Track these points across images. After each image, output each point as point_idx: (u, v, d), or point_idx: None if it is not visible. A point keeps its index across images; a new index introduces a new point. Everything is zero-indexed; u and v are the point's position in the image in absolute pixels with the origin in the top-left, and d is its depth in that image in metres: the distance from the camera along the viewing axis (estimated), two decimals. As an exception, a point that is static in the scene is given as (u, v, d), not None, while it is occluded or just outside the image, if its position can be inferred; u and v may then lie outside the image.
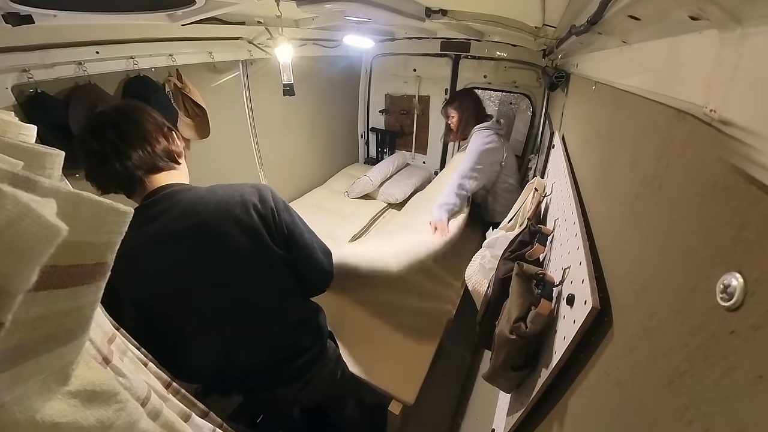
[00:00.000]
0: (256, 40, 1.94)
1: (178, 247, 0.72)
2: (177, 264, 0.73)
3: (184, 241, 0.72)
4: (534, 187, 1.25)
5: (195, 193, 0.75)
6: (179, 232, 0.71)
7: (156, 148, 0.73)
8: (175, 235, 0.71)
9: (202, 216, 0.72)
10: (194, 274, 0.75)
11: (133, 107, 0.78)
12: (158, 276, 0.73)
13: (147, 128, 0.74)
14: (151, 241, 0.70)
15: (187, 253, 0.73)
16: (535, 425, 0.67)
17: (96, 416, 0.30)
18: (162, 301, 0.75)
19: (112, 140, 0.68)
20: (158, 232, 0.70)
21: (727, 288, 0.25)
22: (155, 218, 0.70)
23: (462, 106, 2.07)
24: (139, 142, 0.71)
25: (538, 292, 0.67)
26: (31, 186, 0.24)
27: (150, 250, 0.70)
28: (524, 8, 1.33)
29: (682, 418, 0.28)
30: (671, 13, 0.39)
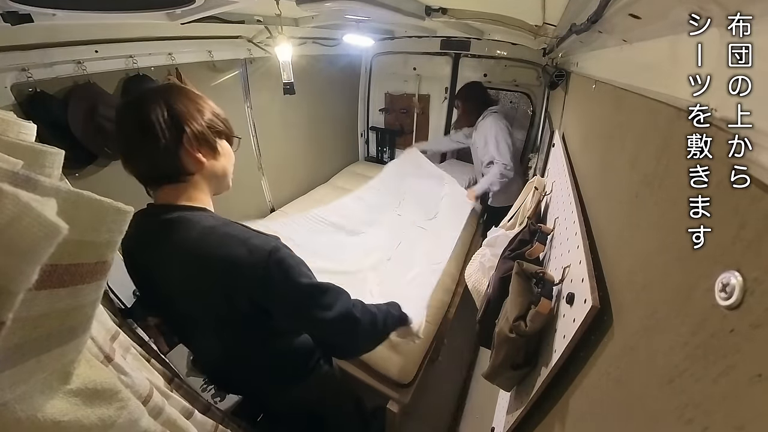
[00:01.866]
0: (255, 39, 1.94)
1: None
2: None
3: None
4: (534, 185, 1.25)
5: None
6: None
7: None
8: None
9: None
10: (172, 279, 0.72)
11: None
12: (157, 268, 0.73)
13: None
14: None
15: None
16: (535, 424, 0.68)
17: (97, 415, 0.30)
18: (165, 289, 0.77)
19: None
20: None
21: (726, 286, 0.25)
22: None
23: (469, 95, 2.34)
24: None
25: (537, 291, 0.67)
26: (32, 185, 0.24)
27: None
28: (524, 7, 1.33)
29: (682, 416, 0.28)
30: (672, 12, 0.39)
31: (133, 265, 0.78)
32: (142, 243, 0.70)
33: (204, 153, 0.70)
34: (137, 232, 0.60)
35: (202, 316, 0.75)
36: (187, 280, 0.69)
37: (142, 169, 0.69)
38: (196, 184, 0.72)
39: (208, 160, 0.72)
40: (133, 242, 0.66)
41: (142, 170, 0.69)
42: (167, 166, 0.67)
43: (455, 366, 1.92)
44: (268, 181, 2.48)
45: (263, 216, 2.42)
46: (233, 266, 0.64)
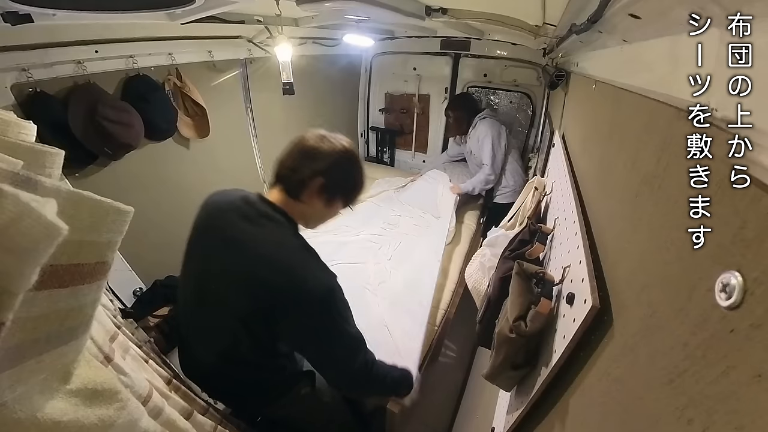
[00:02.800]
0: (255, 39, 1.94)
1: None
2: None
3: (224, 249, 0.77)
4: (534, 186, 1.25)
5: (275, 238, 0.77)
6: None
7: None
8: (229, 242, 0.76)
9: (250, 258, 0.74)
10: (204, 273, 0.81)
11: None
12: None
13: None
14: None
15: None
16: (535, 424, 0.68)
17: (97, 415, 0.30)
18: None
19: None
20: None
21: (727, 287, 0.25)
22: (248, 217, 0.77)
23: (460, 104, 2.46)
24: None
25: (537, 291, 0.67)
26: (32, 185, 0.24)
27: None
28: (525, 7, 1.33)
29: (682, 417, 0.28)
30: (672, 12, 0.39)
31: (198, 231, 0.86)
32: (226, 218, 0.79)
33: (320, 199, 0.83)
34: (229, 206, 0.80)
35: (222, 310, 0.78)
36: (238, 271, 0.74)
37: (282, 168, 0.85)
38: (299, 205, 0.83)
39: (319, 203, 0.84)
40: (218, 212, 0.81)
41: (281, 168, 0.85)
42: (296, 181, 0.82)
43: (455, 366, 1.92)
44: (268, 181, 2.48)
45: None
46: (288, 288, 0.71)
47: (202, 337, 0.86)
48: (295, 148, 0.85)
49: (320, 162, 0.81)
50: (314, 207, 0.84)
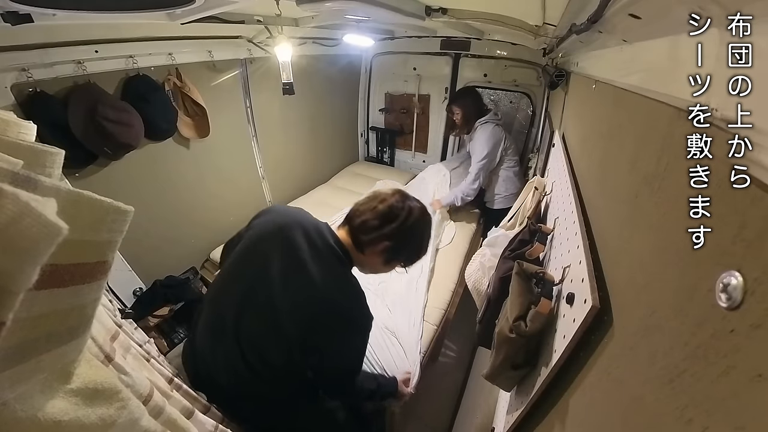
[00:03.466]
0: (255, 39, 1.94)
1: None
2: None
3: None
4: (534, 186, 1.25)
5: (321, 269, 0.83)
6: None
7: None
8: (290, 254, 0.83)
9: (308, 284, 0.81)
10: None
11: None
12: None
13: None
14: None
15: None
16: (535, 424, 0.68)
17: (98, 414, 0.30)
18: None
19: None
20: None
21: (727, 287, 0.25)
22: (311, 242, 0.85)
23: (463, 104, 2.28)
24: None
25: (537, 291, 0.67)
26: (32, 185, 0.24)
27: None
28: (524, 7, 1.33)
29: (682, 417, 0.28)
30: (672, 12, 0.39)
31: (251, 242, 0.89)
32: (295, 240, 0.84)
33: (380, 257, 0.90)
34: (300, 229, 0.86)
35: (266, 321, 0.82)
36: (300, 296, 0.81)
37: (355, 217, 0.90)
38: (361, 255, 0.91)
39: (378, 261, 0.91)
40: (286, 230, 0.85)
41: (355, 217, 0.90)
42: (364, 237, 0.88)
43: (455, 366, 1.92)
44: (268, 181, 2.48)
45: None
46: (338, 314, 0.82)
47: (234, 342, 0.85)
48: (374, 204, 0.89)
49: (391, 227, 0.87)
50: (373, 262, 0.91)
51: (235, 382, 0.85)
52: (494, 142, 2.14)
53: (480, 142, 2.16)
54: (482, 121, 2.20)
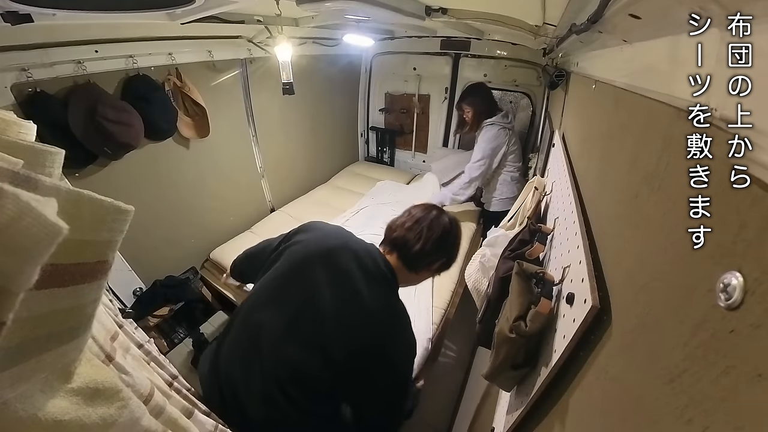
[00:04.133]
0: (255, 39, 1.94)
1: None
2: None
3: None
4: (534, 185, 1.25)
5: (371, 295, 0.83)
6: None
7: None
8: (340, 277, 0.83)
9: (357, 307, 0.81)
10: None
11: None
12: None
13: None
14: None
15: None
16: (535, 424, 0.68)
17: (98, 414, 0.30)
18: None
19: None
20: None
21: (727, 287, 0.25)
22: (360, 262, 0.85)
23: (474, 101, 2.18)
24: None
25: (537, 291, 0.67)
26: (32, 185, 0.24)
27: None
28: (524, 7, 1.33)
29: (681, 416, 0.28)
30: (672, 12, 0.39)
31: (295, 262, 0.88)
32: (345, 262, 0.84)
33: (434, 272, 0.97)
34: (349, 251, 0.86)
35: (313, 348, 0.79)
36: (348, 321, 0.80)
37: (407, 242, 0.91)
38: (411, 275, 0.94)
39: (429, 275, 0.97)
40: (336, 251, 0.86)
41: (406, 241, 0.91)
42: (423, 262, 0.92)
43: (455, 366, 1.92)
44: (268, 181, 2.48)
45: (263, 216, 2.42)
46: (391, 341, 0.82)
47: (271, 366, 0.79)
48: (426, 230, 0.92)
49: (446, 246, 0.94)
50: (423, 277, 0.96)
51: (261, 403, 0.78)
52: (494, 145, 2.06)
53: (480, 144, 2.10)
54: (488, 122, 2.12)
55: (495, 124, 2.10)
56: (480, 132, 2.16)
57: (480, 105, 2.16)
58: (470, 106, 2.18)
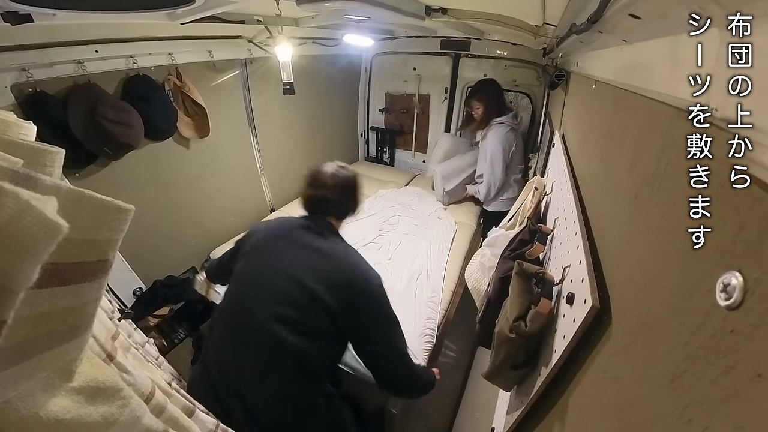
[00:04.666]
0: (255, 39, 1.94)
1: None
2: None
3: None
4: (534, 186, 1.25)
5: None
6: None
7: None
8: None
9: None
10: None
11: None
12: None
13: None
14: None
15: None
16: (535, 423, 0.68)
17: (99, 412, 0.30)
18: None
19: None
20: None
21: (727, 287, 0.25)
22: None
23: (486, 98, 2.12)
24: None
25: (537, 291, 0.67)
26: (32, 184, 0.24)
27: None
28: (524, 7, 1.33)
29: (682, 416, 0.28)
30: (672, 12, 0.39)
31: (254, 245, 1.03)
32: (297, 233, 0.99)
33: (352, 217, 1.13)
34: (293, 226, 1.02)
35: (288, 305, 0.89)
36: (324, 269, 0.92)
37: (334, 200, 1.04)
38: (341, 223, 1.10)
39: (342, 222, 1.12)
40: (286, 229, 1.01)
41: (334, 200, 1.05)
42: (344, 210, 1.08)
43: (455, 366, 1.92)
44: (268, 181, 2.47)
45: (263, 216, 2.42)
46: (360, 278, 0.93)
47: (262, 348, 0.87)
48: (339, 182, 1.06)
49: (356, 195, 1.11)
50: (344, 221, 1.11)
51: (263, 379, 0.87)
52: (504, 146, 2.03)
53: (490, 143, 2.05)
54: (498, 121, 2.07)
55: (505, 124, 2.06)
56: (488, 131, 2.11)
57: (491, 102, 2.11)
58: (481, 102, 2.11)
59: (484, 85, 2.20)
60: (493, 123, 2.08)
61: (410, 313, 1.52)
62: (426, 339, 1.44)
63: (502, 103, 2.16)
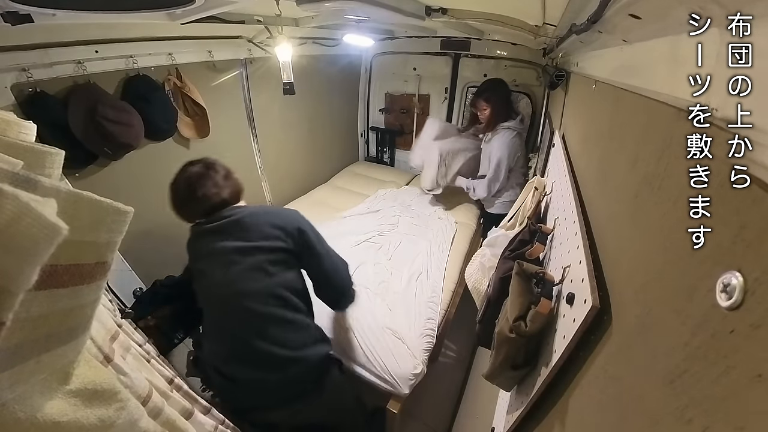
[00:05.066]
0: (255, 39, 1.94)
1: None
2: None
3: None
4: (534, 186, 1.25)
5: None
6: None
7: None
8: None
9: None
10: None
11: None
12: None
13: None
14: None
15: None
16: (535, 424, 0.68)
17: (97, 415, 0.30)
18: None
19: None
20: None
21: (727, 287, 0.25)
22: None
23: (494, 99, 2.02)
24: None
25: (537, 291, 0.67)
26: (32, 185, 0.24)
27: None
28: (524, 7, 1.33)
29: (682, 417, 0.28)
30: (672, 12, 0.39)
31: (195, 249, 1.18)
32: (222, 224, 1.10)
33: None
34: (221, 231, 1.10)
35: (260, 252, 1.05)
36: (266, 222, 1.08)
37: (227, 191, 1.16)
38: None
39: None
40: (216, 246, 1.09)
41: (227, 191, 1.16)
42: (232, 190, 1.18)
43: (455, 366, 1.92)
44: (268, 181, 2.47)
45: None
46: (288, 220, 1.11)
47: (251, 304, 1.01)
48: (218, 176, 1.17)
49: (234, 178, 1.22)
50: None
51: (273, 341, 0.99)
52: (510, 152, 2.00)
53: (498, 149, 1.99)
54: (506, 126, 2.00)
55: (512, 129, 2.01)
56: (494, 134, 2.04)
57: (499, 104, 2.02)
58: (489, 104, 2.01)
59: (493, 84, 2.08)
60: (500, 128, 2.02)
61: (410, 313, 1.52)
62: (426, 339, 1.44)
63: (510, 105, 2.09)
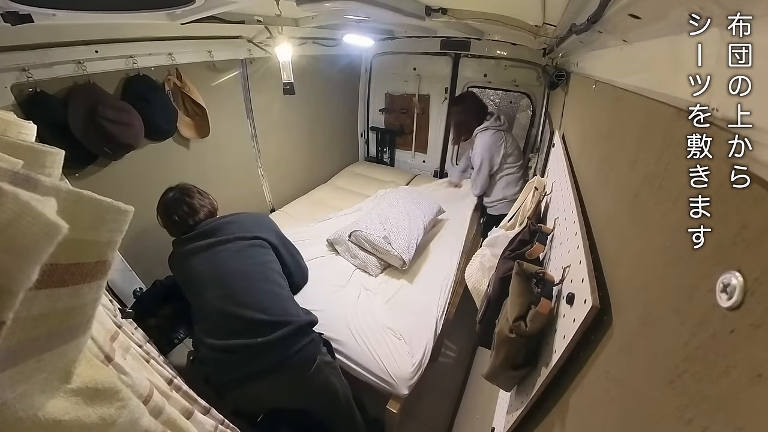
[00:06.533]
0: (255, 39, 1.94)
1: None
2: None
3: None
4: (534, 186, 1.25)
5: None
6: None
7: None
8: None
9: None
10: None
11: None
12: None
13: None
14: None
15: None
16: (535, 424, 0.68)
17: (98, 414, 0.30)
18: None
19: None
20: None
21: (727, 287, 0.25)
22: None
23: (460, 115, 2.30)
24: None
25: (537, 291, 0.67)
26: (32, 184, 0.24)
27: None
28: (524, 7, 1.33)
29: (682, 417, 0.28)
30: (672, 12, 0.39)
31: (186, 263, 1.29)
32: (205, 233, 1.27)
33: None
34: (200, 235, 1.29)
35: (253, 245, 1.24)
36: (237, 227, 1.26)
37: (205, 209, 1.35)
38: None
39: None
40: (196, 244, 1.28)
41: (205, 209, 1.35)
42: (212, 207, 1.37)
43: (455, 366, 1.92)
44: (268, 182, 2.47)
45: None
46: (263, 221, 1.37)
47: (250, 289, 1.15)
48: (193, 200, 1.34)
49: (207, 196, 1.40)
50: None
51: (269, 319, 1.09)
52: (492, 151, 2.14)
53: (477, 152, 2.18)
54: (481, 129, 2.19)
55: (488, 129, 2.17)
56: (475, 139, 2.23)
57: (469, 113, 2.24)
58: (459, 116, 2.28)
59: (458, 99, 2.41)
60: (477, 132, 2.21)
61: (410, 312, 1.52)
62: (426, 339, 1.44)
63: (481, 110, 2.26)
